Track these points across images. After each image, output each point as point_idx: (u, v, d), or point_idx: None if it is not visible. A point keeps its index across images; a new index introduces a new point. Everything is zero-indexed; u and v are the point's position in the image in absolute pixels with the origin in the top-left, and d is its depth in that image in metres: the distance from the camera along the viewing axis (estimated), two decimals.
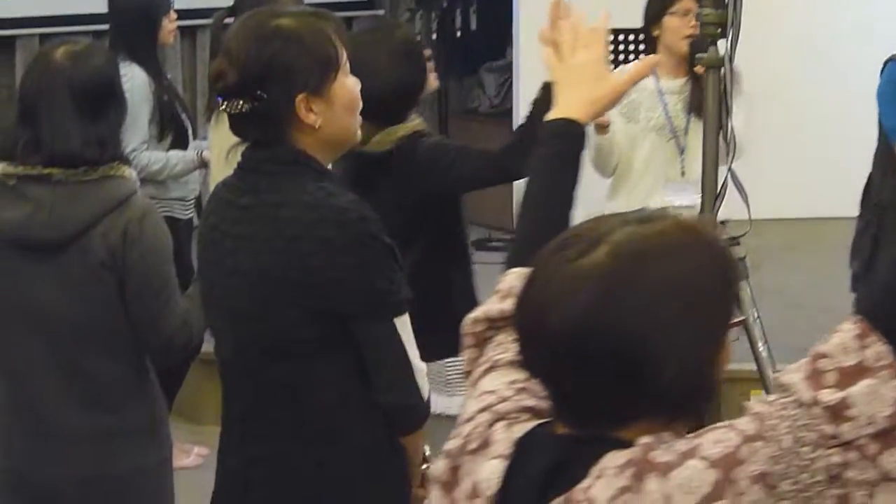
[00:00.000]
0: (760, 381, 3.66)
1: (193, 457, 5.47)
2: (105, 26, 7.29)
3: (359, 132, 2.77)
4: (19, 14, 7.45)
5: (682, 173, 4.98)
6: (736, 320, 1.61)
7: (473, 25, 8.92)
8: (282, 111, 2.59)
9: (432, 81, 3.78)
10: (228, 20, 4.67)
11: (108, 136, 3.12)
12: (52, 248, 3.08)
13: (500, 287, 1.86)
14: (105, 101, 3.14)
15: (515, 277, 1.67)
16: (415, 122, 3.67)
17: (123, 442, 3.22)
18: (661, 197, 4.94)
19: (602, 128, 4.71)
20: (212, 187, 4.60)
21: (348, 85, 2.68)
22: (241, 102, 2.57)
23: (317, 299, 2.57)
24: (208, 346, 3.10)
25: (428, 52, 3.85)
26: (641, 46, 5.14)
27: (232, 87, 2.59)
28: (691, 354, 1.51)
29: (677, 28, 4.86)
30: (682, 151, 4.98)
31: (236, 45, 2.61)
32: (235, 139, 2.74)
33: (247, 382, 2.72)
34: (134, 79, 4.91)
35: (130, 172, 3.20)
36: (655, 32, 4.96)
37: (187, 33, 7.61)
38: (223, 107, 2.62)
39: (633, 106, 4.84)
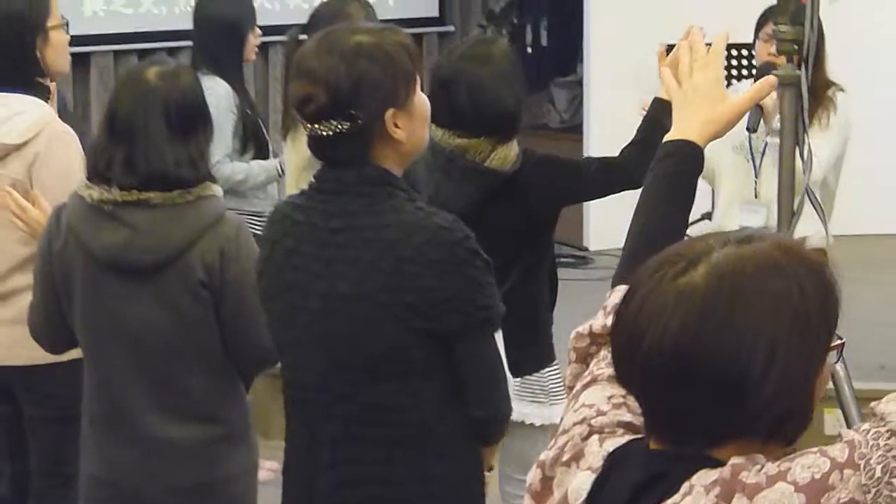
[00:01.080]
0: (836, 398, 3.62)
1: (265, 472, 5.46)
2: (178, 43, 7.43)
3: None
4: (94, 31, 7.51)
5: (756, 194, 4.96)
6: (836, 343, 1.59)
7: (544, 41, 8.92)
8: (373, 128, 2.58)
9: None
10: (302, 37, 4.67)
11: (199, 156, 3.14)
12: (150, 270, 3.10)
13: (606, 303, 1.86)
14: (195, 120, 3.16)
15: (621, 294, 1.66)
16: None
17: (217, 449, 3.24)
18: (734, 216, 4.94)
19: None
20: None
21: (423, 97, 2.69)
22: (335, 123, 2.56)
23: (426, 320, 2.56)
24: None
25: None
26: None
27: (323, 108, 2.57)
28: (790, 376, 1.50)
29: (762, 53, 4.92)
30: (756, 173, 4.96)
31: (320, 65, 2.59)
32: (309, 155, 2.73)
33: (341, 405, 2.69)
34: (217, 92, 4.91)
35: (219, 190, 3.22)
36: None
37: (260, 49, 7.61)
38: (316, 129, 2.59)
39: None
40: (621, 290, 1.68)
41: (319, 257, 2.65)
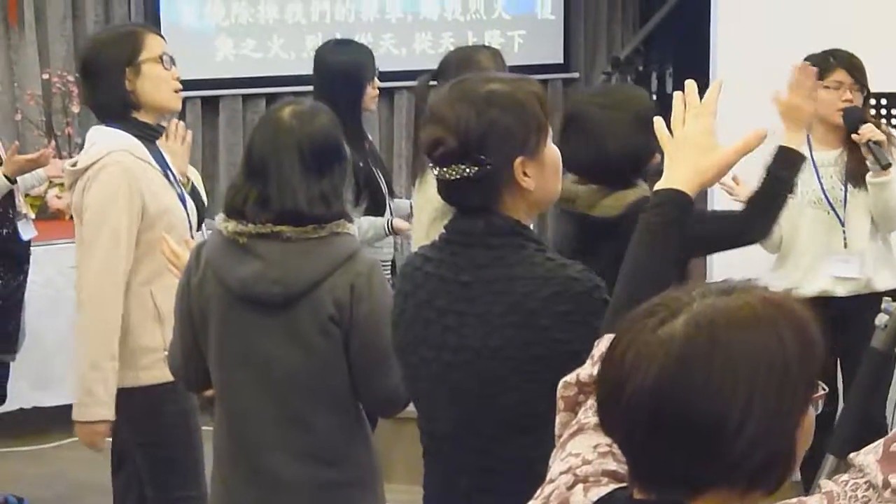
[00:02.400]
0: None
1: None
2: (305, 87, 7.49)
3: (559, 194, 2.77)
4: (223, 76, 7.64)
5: (845, 245, 4.90)
6: (819, 393, 1.58)
7: (669, 88, 8.89)
8: (502, 176, 2.57)
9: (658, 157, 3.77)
10: (431, 84, 4.69)
11: (333, 194, 3.16)
12: (281, 303, 3.13)
13: (594, 352, 1.89)
14: (330, 159, 3.17)
15: (607, 343, 1.67)
16: (643, 188, 3.64)
17: (341, 494, 3.23)
18: (826, 269, 4.90)
19: None
20: (414, 249, 4.64)
21: (555, 147, 2.68)
22: (463, 167, 2.57)
23: (556, 372, 2.53)
24: None
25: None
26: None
27: (452, 153, 2.57)
28: (769, 426, 1.51)
29: (830, 101, 4.83)
30: (842, 223, 4.91)
31: (451, 111, 2.59)
32: (435, 204, 2.73)
33: (474, 458, 2.67)
34: None
35: (354, 229, 3.24)
36: None
37: (385, 95, 7.69)
38: (444, 173, 2.60)
39: None
40: (609, 339, 1.69)
41: (450, 310, 2.64)
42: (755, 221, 3.18)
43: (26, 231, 5.28)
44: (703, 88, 2.38)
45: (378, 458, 3.37)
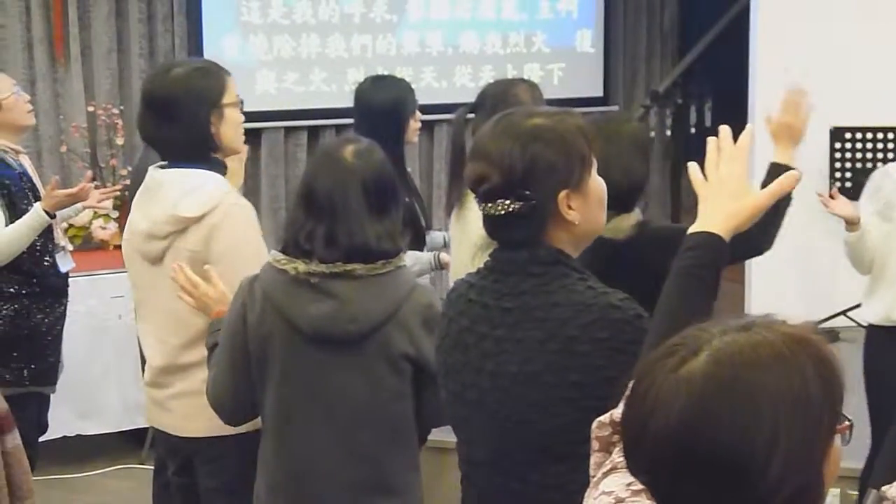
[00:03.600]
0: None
1: None
2: (347, 120, 7.54)
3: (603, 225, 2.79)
4: (265, 108, 7.71)
5: None
6: (844, 424, 1.58)
7: (708, 122, 8.90)
8: (546, 210, 2.59)
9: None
10: (469, 116, 4.72)
11: (395, 230, 3.21)
12: (354, 340, 3.16)
13: (628, 393, 1.88)
14: (390, 195, 3.23)
15: None
16: (637, 213, 3.68)
17: None
18: None
19: (852, 224, 4.73)
20: (452, 282, 4.67)
21: (599, 179, 2.69)
22: (507, 202, 2.59)
23: (595, 400, 2.52)
24: (445, 434, 3.13)
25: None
26: None
27: (496, 189, 2.59)
28: (795, 460, 1.50)
29: None
30: None
31: (495, 146, 2.61)
32: (477, 236, 2.75)
33: (515, 483, 2.68)
34: None
35: (409, 261, 3.28)
36: None
37: (425, 127, 7.71)
38: (489, 208, 2.61)
39: (889, 206, 4.76)
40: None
41: (490, 336, 2.65)
42: (757, 236, 3.20)
43: (64, 263, 5.32)
44: (740, 121, 2.41)
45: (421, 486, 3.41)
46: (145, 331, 3.91)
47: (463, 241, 4.60)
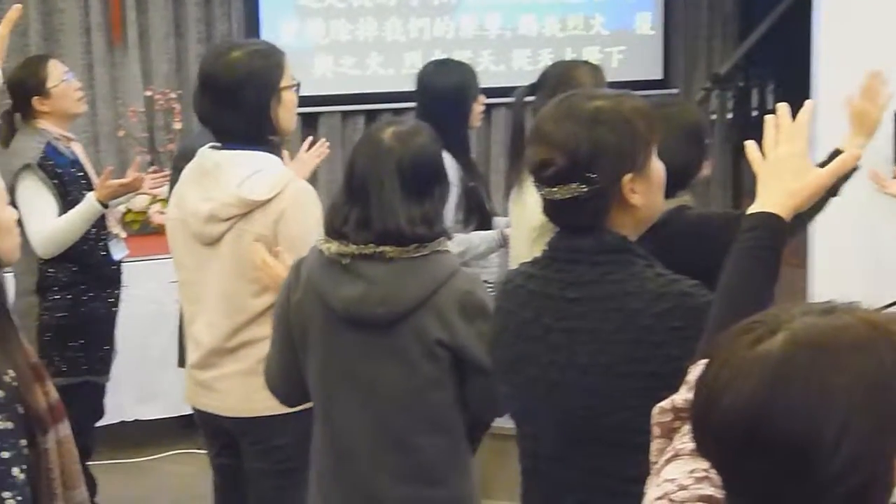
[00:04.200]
0: None
1: None
2: (404, 104, 7.51)
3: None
4: (322, 92, 7.69)
5: None
6: None
7: (770, 105, 8.79)
8: (610, 193, 2.55)
9: (706, 169, 3.74)
10: (528, 99, 4.67)
11: (433, 214, 3.15)
12: (385, 324, 3.12)
13: (689, 377, 1.84)
14: (430, 180, 3.17)
15: (702, 368, 1.64)
16: (684, 198, 3.62)
17: None
18: None
19: None
20: (512, 265, 4.61)
21: (659, 162, 2.65)
22: (573, 186, 2.53)
23: (671, 390, 2.49)
24: (502, 421, 3.08)
25: (708, 140, 3.79)
26: None
27: (562, 172, 2.54)
28: (864, 451, 1.47)
29: None
30: None
31: (558, 129, 2.57)
32: (536, 220, 2.70)
33: (582, 477, 2.64)
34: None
35: (454, 247, 3.22)
36: None
37: (483, 111, 7.69)
38: (552, 193, 2.57)
39: None
40: (703, 364, 1.66)
41: (557, 328, 2.61)
42: (807, 214, 3.14)
43: (117, 251, 5.32)
44: (804, 102, 2.36)
45: (475, 479, 3.35)
46: (193, 312, 3.91)
47: (521, 225, 4.56)
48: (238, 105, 3.67)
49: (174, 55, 7.51)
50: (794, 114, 2.32)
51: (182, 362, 4.65)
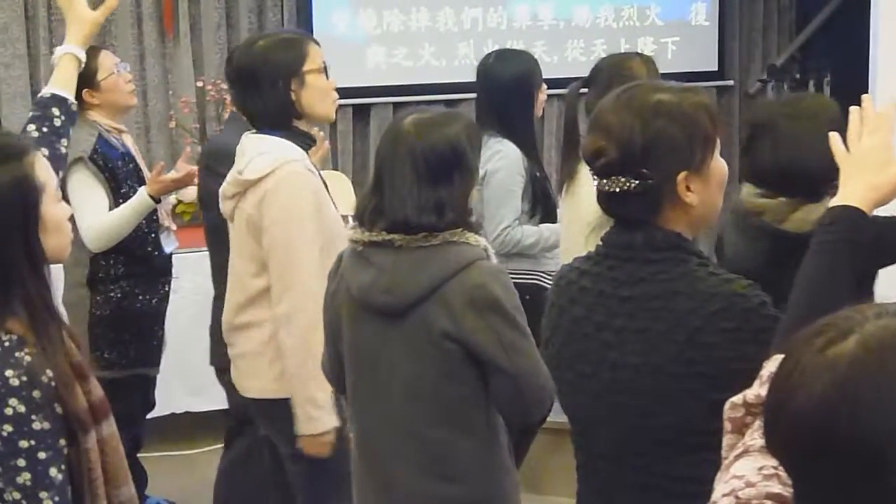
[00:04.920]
0: None
1: None
2: (457, 95, 7.51)
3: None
4: (375, 84, 7.66)
5: None
6: None
7: (827, 95, 8.71)
8: (663, 189, 2.49)
9: None
10: (582, 91, 4.62)
11: (448, 203, 3.08)
12: (394, 312, 3.10)
13: (762, 372, 1.83)
14: (447, 168, 3.10)
15: (777, 363, 1.60)
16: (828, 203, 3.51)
17: None
18: None
19: None
20: (563, 259, 4.57)
21: (721, 161, 2.58)
22: (623, 179, 2.49)
23: (722, 391, 2.45)
24: (556, 415, 3.03)
25: None
26: None
27: (613, 163, 2.50)
28: None
29: None
30: None
31: (615, 120, 2.52)
32: (590, 214, 2.66)
33: (633, 476, 2.60)
34: (509, 156, 4.84)
35: (477, 239, 3.15)
36: None
37: None
38: (604, 184, 2.52)
39: None
40: (778, 359, 1.62)
41: (609, 326, 2.57)
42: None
43: (168, 244, 5.33)
44: (862, 94, 2.31)
45: (513, 479, 3.29)
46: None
47: (574, 218, 4.51)
48: (257, 90, 3.76)
49: (225, 46, 7.51)
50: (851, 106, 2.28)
51: (213, 359, 4.71)
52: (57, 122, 3.17)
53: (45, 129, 3.14)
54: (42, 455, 2.43)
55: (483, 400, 3.14)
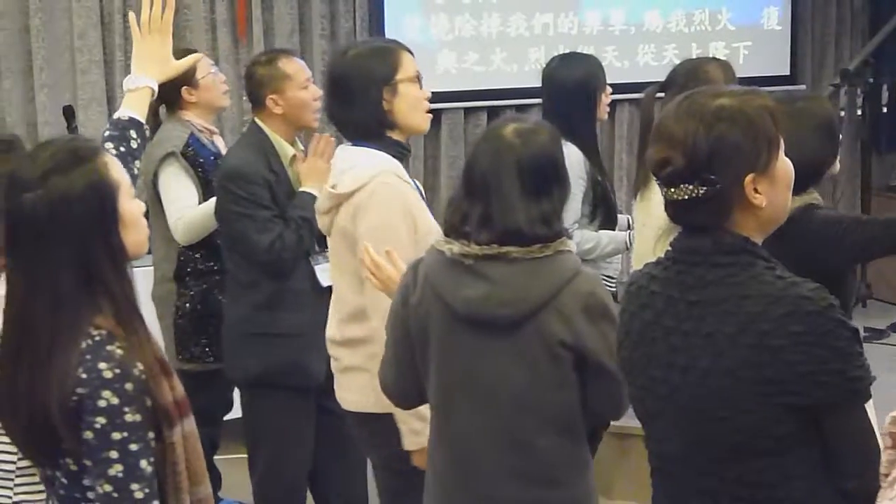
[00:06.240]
0: None
1: None
2: (527, 101, 7.51)
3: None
4: (446, 88, 7.68)
5: None
6: None
7: None
8: (732, 194, 2.49)
9: (836, 165, 3.66)
10: (659, 95, 4.62)
11: (552, 213, 3.11)
12: (508, 325, 3.09)
13: None
14: (550, 178, 3.13)
15: None
16: (812, 195, 3.54)
17: None
18: None
19: None
20: (635, 265, 4.56)
21: (787, 161, 2.58)
22: (691, 187, 2.50)
23: (792, 395, 2.45)
24: (625, 420, 3.04)
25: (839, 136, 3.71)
26: None
27: (680, 172, 2.49)
28: None
29: None
30: None
31: (678, 127, 2.51)
32: (661, 220, 2.66)
33: (707, 480, 2.59)
34: (570, 157, 4.86)
35: (574, 246, 3.18)
36: None
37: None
38: (672, 193, 2.53)
39: None
40: None
41: (677, 330, 2.57)
42: None
43: None
44: None
45: (594, 480, 3.31)
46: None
47: (647, 223, 4.51)
48: (352, 100, 3.71)
49: (298, 51, 7.49)
50: None
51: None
52: (133, 145, 3.22)
53: (121, 149, 3.18)
54: (133, 447, 2.47)
55: (580, 403, 3.16)
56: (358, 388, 3.79)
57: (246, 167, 4.58)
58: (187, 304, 5.17)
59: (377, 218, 3.62)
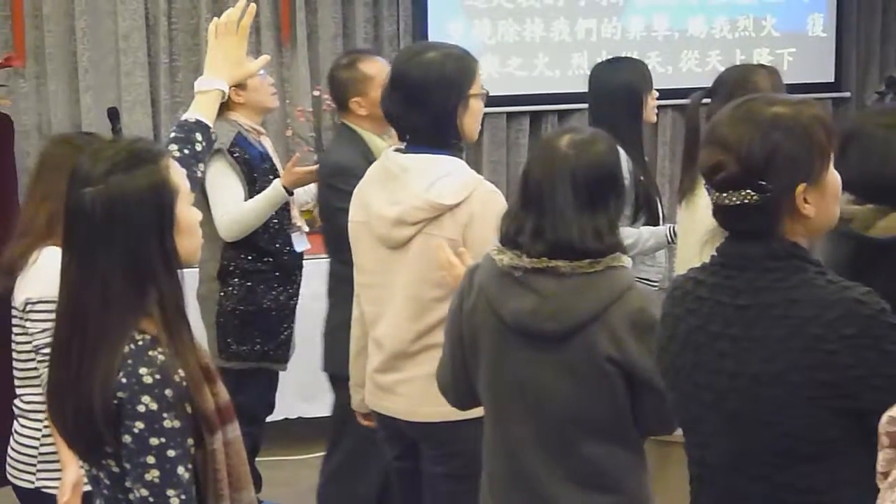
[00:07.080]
0: None
1: None
2: (570, 105, 7.50)
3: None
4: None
5: None
6: None
7: None
8: (782, 202, 2.50)
9: None
10: (705, 101, 4.60)
11: (607, 227, 3.10)
12: (555, 338, 3.09)
13: None
14: (605, 191, 3.12)
15: None
16: None
17: None
18: None
19: None
20: (678, 270, 4.54)
21: (836, 173, 2.59)
22: (742, 193, 2.49)
23: (843, 399, 2.44)
24: None
25: None
26: None
27: (733, 177, 2.50)
28: None
29: None
30: None
31: (733, 133, 2.52)
32: (706, 226, 2.65)
33: (753, 486, 2.59)
34: None
35: (629, 261, 3.17)
36: None
37: None
38: (723, 198, 2.53)
39: None
40: None
41: (726, 335, 2.57)
42: None
43: (300, 243, 5.42)
44: None
45: (649, 485, 3.30)
46: (376, 314, 3.90)
47: (691, 229, 4.48)
48: (427, 106, 3.66)
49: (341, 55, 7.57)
50: None
51: (326, 366, 4.73)
52: (198, 147, 3.22)
53: (186, 152, 3.19)
54: (171, 453, 2.48)
55: (632, 413, 3.16)
56: (427, 399, 3.74)
57: (348, 162, 4.58)
58: (230, 303, 5.21)
59: (490, 227, 3.51)
